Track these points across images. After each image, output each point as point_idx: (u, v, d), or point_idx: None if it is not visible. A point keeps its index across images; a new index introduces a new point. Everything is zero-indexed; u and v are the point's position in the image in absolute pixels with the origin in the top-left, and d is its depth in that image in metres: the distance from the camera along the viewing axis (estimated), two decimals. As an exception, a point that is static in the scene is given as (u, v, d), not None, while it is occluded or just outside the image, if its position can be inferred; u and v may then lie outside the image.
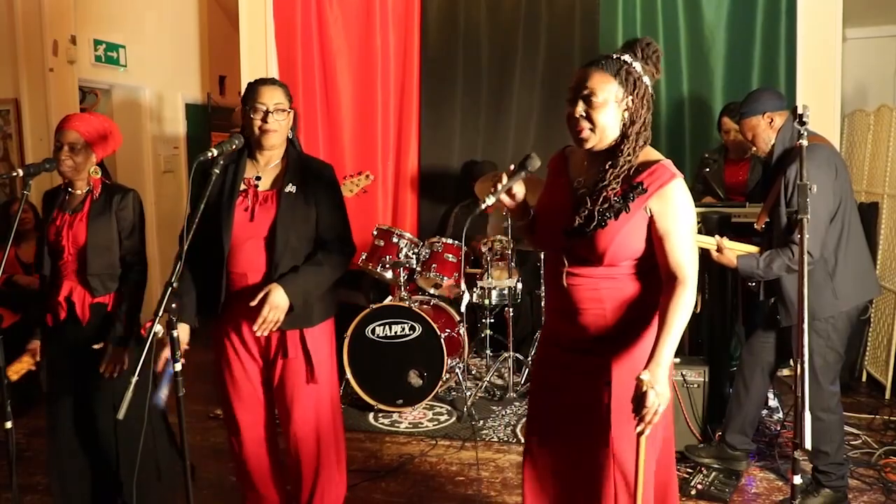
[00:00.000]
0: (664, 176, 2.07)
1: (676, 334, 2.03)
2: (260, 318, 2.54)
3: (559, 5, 5.71)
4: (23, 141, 5.70)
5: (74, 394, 3.05)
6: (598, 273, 2.13)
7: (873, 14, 5.83)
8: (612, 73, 2.07)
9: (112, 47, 6.28)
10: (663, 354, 2.01)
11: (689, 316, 2.06)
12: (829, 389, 3.35)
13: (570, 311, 2.19)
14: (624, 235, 2.07)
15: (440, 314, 4.93)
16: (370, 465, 4.02)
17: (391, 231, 4.94)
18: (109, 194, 3.04)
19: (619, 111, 2.08)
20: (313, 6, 5.91)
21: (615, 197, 2.07)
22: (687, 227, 2.09)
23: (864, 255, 3.41)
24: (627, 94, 2.07)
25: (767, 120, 3.43)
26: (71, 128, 2.96)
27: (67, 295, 3.00)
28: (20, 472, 3.02)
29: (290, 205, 2.65)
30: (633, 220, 2.07)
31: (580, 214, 2.10)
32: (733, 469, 3.74)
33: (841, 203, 3.27)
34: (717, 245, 3.39)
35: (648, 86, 2.11)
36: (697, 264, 2.11)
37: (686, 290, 2.05)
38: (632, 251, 2.10)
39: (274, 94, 2.69)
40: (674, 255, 2.07)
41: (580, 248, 2.11)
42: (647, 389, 1.96)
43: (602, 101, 2.06)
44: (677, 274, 2.06)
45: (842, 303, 3.30)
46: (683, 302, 2.04)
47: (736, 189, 4.73)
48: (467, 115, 5.94)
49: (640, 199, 2.06)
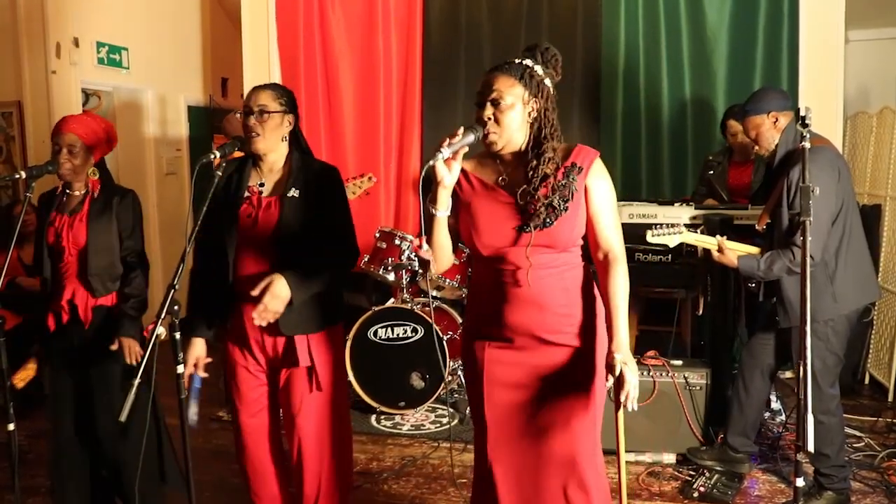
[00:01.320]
0: (590, 154, 2.24)
1: (626, 310, 2.18)
2: (260, 305, 2.49)
3: (561, 7, 5.71)
4: (25, 143, 5.71)
5: (77, 396, 3.06)
6: (559, 261, 2.21)
7: (876, 16, 5.82)
8: (516, 76, 2.17)
9: (114, 49, 6.29)
10: (623, 333, 2.16)
11: (628, 289, 2.21)
12: (828, 392, 3.35)
13: (533, 304, 2.22)
14: (577, 216, 2.19)
15: (442, 316, 4.92)
16: (372, 467, 4.02)
17: (393, 233, 4.94)
18: (109, 195, 3.04)
19: (525, 113, 2.18)
20: (315, 8, 5.91)
21: (559, 181, 2.17)
22: (614, 203, 2.25)
23: (864, 258, 3.41)
24: (532, 97, 2.17)
25: (772, 119, 3.41)
26: (69, 130, 2.96)
27: (70, 298, 3.00)
28: (22, 474, 3.02)
29: (292, 210, 2.63)
30: (579, 199, 2.19)
31: (538, 206, 2.15)
32: (736, 472, 3.74)
33: (843, 206, 3.26)
34: (718, 245, 3.39)
35: (550, 87, 2.21)
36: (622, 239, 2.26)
37: (621, 265, 2.22)
38: (581, 231, 2.23)
39: (259, 96, 2.65)
40: (609, 230, 2.23)
41: (543, 238, 2.17)
42: (623, 368, 2.10)
43: (509, 103, 2.16)
44: (611, 249, 2.23)
45: (841, 306, 3.29)
46: (623, 278, 2.21)
47: (740, 192, 4.72)
48: (469, 117, 5.80)
49: (580, 178, 2.19)
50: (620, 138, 5.57)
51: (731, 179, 4.77)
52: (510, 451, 2.30)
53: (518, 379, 2.29)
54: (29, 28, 5.58)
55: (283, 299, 2.52)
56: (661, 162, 5.54)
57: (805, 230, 2.26)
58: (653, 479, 3.80)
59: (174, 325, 2.23)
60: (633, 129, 5.56)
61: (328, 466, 2.80)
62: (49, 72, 5.63)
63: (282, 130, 2.69)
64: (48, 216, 3.04)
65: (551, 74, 2.23)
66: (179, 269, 2.22)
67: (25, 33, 5.58)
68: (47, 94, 5.65)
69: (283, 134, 2.70)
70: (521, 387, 2.28)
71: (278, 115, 2.66)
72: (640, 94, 5.52)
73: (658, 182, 5.55)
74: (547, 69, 2.22)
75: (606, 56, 5.57)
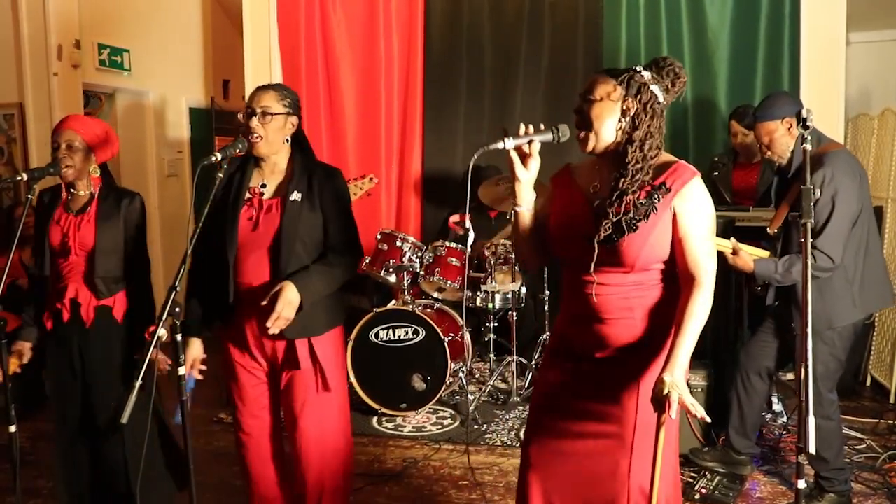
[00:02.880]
0: (685, 174, 2.09)
1: (694, 337, 2.04)
2: (274, 314, 2.48)
3: (562, 10, 5.71)
4: (27, 145, 5.71)
5: (80, 397, 3.06)
6: (629, 281, 2.11)
7: (877, 18, 5.82)
8: (614, 76, 2.11)
9: (116, 51, 6.30)
10: (680, 357, 2.02)
11: (706, 318, 2.07)
12: (827, 397, 3.35)
13: (595, 321, 2.16)
14: (654, 238, 2.06)
15: (443, 318, 4.92)
16: (374, 468, 4.02)
17: (395, 235, 4.94)
18: (118, 197, 3.04)
19: (616, 111, 2.09)
20: (317, 10, 5.92)
21: (639, 200, 2.06)
22: (707, 227, 2.10)
23: (881, 262, 3.40)
24: (628, 97, 2.08)
25: (786, 126, 3.36)
26: (67, 127, 2.95)
27: (73, 297, 3.00)
28: (24, 476, 3.02)
29: (294, 213, 2.62)
30: (661, 221, 2.06)
31: (606, 222, 2.07)
32: (737, 473, 3.73)
33: (862, 209, 3.25)
34: (733, 248, 3.37)
35: (657, 95, 2.10)
36: (716, 266, 2.11)
37: (704, 291, 2.06)
38: (661, 254, 2.09)
39: (262, 97, 2.63)
40: (693, 255, 2.07)
41: (609, 255, 2.08)
42: (669, 391, 1.96)
43: (596, 97, 2.10)
44: (696, 275, 2.07)
45: (860, 310, 3.28)
46: (701, 304, 2.05)
47: (745, 193, 4.71)
48: (470, 119, 5.94)
49: (665, 199, 2.06)
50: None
51: (736, 181, 4.76)
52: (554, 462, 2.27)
53: (578, 387, 2.23)
54: (31, 30, 5.59)
55: (295, 305, 2.52)
56: (663, 164, 5.53)
57: (807, 232, 2.25)
58: (654, 481, 3.79)
59: (175, 326, 2.23)
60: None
61: (329, 468, 2.79)
62: (51, 74, 5.64)
63: (284, 132, 2.67)
64: (52, 213, 3.03)
65: (665, 85, 2.13)
66: (180, 270, 2.22)
67: (27, 35, 5.59)
68: (49, 96, 5.66)
69: (285, 136, 2.68)
70: (580, 396, 2.23)
71: (281, 117, 2.64)
72: (640, 97, 5.52)
73: (659, 184, 5.53)
74: (659, 77, 2.13)
75: (608, 58, 5.57)
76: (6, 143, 5.76)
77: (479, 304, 5.09)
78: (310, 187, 2.66)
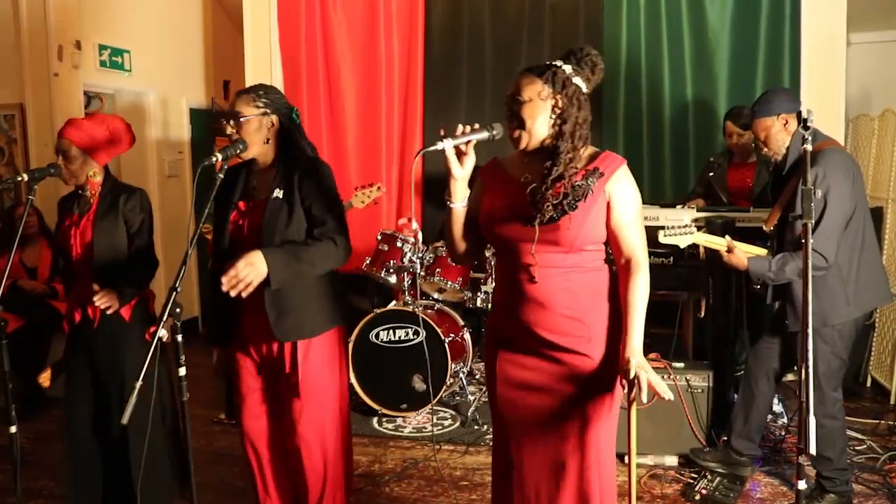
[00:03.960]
0: (615, 161, 2.22)
1: (643, 316, 2.18)
2: (231, 270, 2.37)
3: (563, 11, 5.71)
4: (27, 145, 5.71)
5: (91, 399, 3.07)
6: (567, 262, 2.20)
7: (877, 18, 5.82)
8: (536, 74, 2.20)
9: (117, 52, 6.30)
10: (636, 338, 2.16)
11: (648, 296, 2.20)
12: (831, 396, 3.34)
13: (538, 306, 2.22)
14: (591, 218, 2.17)
15: (444, 319, 4.92)
16: (374, 469, 4.02)
17: (395, 236, 4.94)
18: (116, 194, 3.06)
19: (546, 109, 2.19)
20: (317, 11, 5.92)
21: (576, 182, 2.17)
22: (638, 211, 2.23)
23: (877, 261, 3.40)
24: (555, 93, 2.18)
25: (782, 122, 3.37)
26: (63, 135, 2.99)
27: (80, 298, 3.02)
28: (25, 477, 3.02)
29: (275, 210, 2.63)
30: (597, 203, 2.17)
31: (546, 203, 2.16)
32: (738, 474, 3.73)
33: (856, 208, 3.25)
34: (728, 245, 3.37)
35: (580, 87, 2.21)
36: (647, 247, 2.25)
37: (644, 272, 2.21)
38: (597, 235, 2.21)
39: (236, 102, 2.66)
40: (631, 238, 2.21)
41: (549, 235, 2.16)
42: (639, 372, 2.09)
43: (526, 98, 2.18)
44: (634, 256, 2.21)
45: (854, 309, 3.28)
46: (643, 284, 2.20)
47: (740, 193, 4.72)
48: (471, 119, 5.77)
49: (600, 183, 2.18)
50: (622, 141, 5.58)
51: (731, 181, 4.77)
52: (525, 451, 2.32)
53: (529, 380, 2.29)
54: (31, 30, 5.59)
55: (258, 271, 2.40)
56: (663, 164, 5.54)
57: (807, 232, 2.26)
58: (654, 482, 3.80)
59: (176, 327, 2.23)
60: (634, 132, 5.57)
61: (330, 469, 2.80)
62: (51, 74, 5.63)
63: (262, 133, 2.66)
64: (64, 218, 3.09)
65: (586, 76, 2.23)
66: (181, 271, 2.22)
67: (28, 36, 5.58)
68: (49, 97, 5.65)
69: (264, 136, 2.67)
70: (533, 389, 2.28)
71: (255, 119, 2.63)
72: (641, 97, 5.53)
73: (660, 184, 5.55)
74: (580, 69, 2.22)
75: (608, 59, 5.56)
76: (6, 143, 5.76)
77: (480, 305, 5.09)
78: (290, 182, 2.66)
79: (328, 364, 2.74)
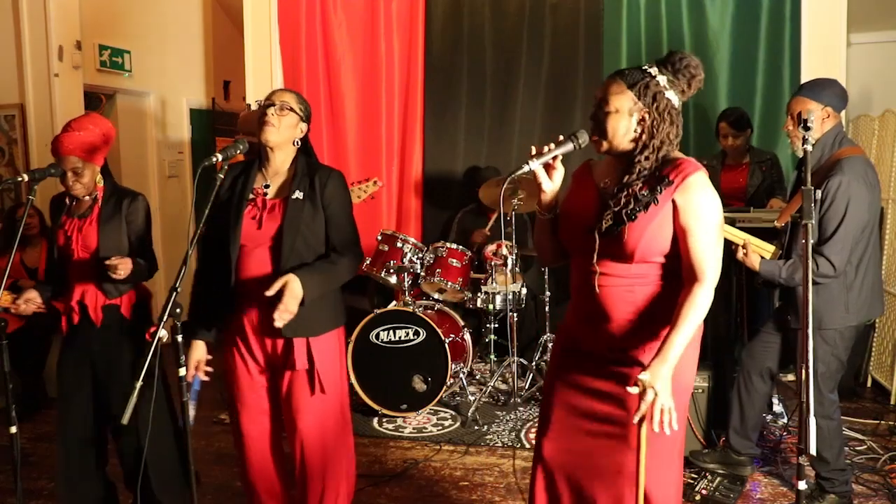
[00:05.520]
0: (689, 168, 2.08)
1: (687, 333, 2.03)
2: (281, 305, 2.46)
3: (563, 13, 5.72)
4: (28, 146, 5.71)
5: (90, 399, 3.07)
6: (631, 273, 2.12)
7: (878, 19, 5.82)
8: (628, 83, 2.10)
9: (117, 52, 6.31)
10: (669, 352, 2.00)
11: (703, 315, 2.05)
12: (828, 397, 3.35)
13: (601, 317, 2.17)
14: (654, 229, 2.07)
15: (444, 319, 4.92)
16: (374, 469, 4.02)
17: (395, 236, 4.94)
18: (119, 198, 3.07)
19: (632, 122, 2.10)
20: (318, 11, 5.93)
21: (641, 192, 2.08)
22: (710, 223, 2.07)
23: (879, 272, 3.40)
24: (644, 108, 2.09)
25: (824, 114, 3.25)
26: (67, 154, 2.95)
27: (80, 299, 3.02)
28: (24, 477, 3.02)
29: (296, 212, 2.64)
30: (662, 213, 2.07)
31: (607, 213, 2.11)
32: (738, 474, 3.73)
33: (871, 219, 3.24)
34: (744, 243, 3.35)
35: (672, 100, 2.10)
36: (720, 264, 2.09)
37: (703, 289, 2.05)
38: (661, 246, 2.09)
39: (283, 94, 2.72)
40: (695, 251, 2.06)
41: (610, 245, 2.09)
42: (644, 389, 1.97)
43: (612, 109, 2.10)
44: (696, 271, 2.05)
45: (851, 317, 3.28)
46: (699, 301, 2.04)
47: (733, 195, 4.74)
48: (471, 121, 5.94)
49: (667, 192, 2.07)
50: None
51: (724, 182, 4.79)
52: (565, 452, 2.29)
53: (587, 385, 2.24)
54: (32, 31, 5.59)
55: (299, 298, 2.51)
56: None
57: (808, 233, 2.25)
58: (655, 482, 3.79)
59: (176, 327, 2.23)
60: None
61: (330, 469, 2.80)
62: (52, 75, 5.64)
63: (294, 132, 2.73)
64: (59, 219, 3.07)
65: (681, 87, 2.13)
66: (181, 272, 2.22)
67: (28, 36, 5.59)
68: (50, 98, 5.66)
69: (295, 136, 2.73)
70: (588, 392, 2.24)
71: (296, 116, 2.71)
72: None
73: (660, 185, 5.54)
74: (675, 80, 2.12)
75: (608, 59, 5.58)
76: (7, 144, 5.76)
77: (480, 305, 5.10)
78: (312, 187, 2.69)
79: (329, 363, 2.75)
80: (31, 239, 5.15)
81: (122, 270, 2.86)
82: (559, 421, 2.31)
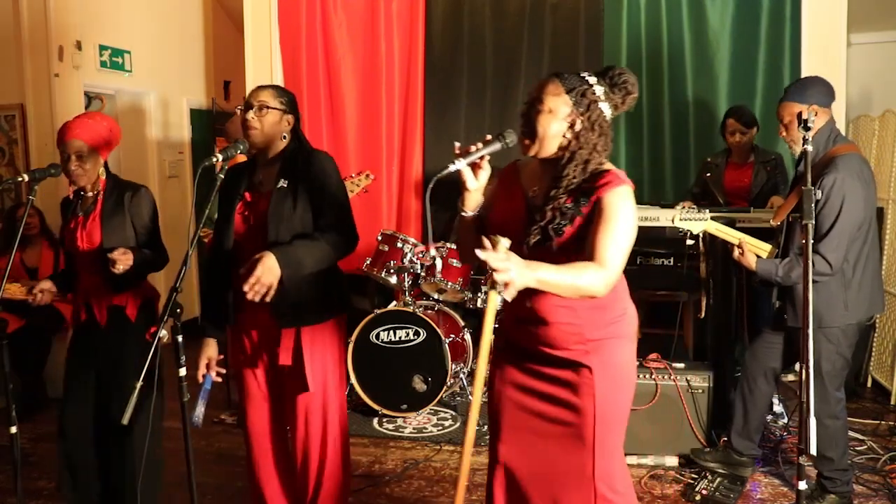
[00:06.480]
0: (615, 181, 2.07)
1: (561, 279, 1.93)
2: (252, 277, 2.40)
3: (563, 12, 5.71)
4: (28, 146, 5.71)
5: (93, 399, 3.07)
6: None
7: (878, 19, 5.82)
8: (566, 87, 2.10)
9: (117, 52, 6.30)
10: (539, 267, 1.90)
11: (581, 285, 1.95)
12: (834, 395, 3.34)
13: (537, 321, 2.18)
14: (580, 237, 2.08)
15: (444, 319, 4.92)
16: (374, 469, 4.02)
17: (395, 236, 4.94)
18: (120, 192, 3.06)
19: (563, 126, 2.10)
20: (318, 11, 5.92)
21: (566, 204, 2.09)
22: (623, 226, 2.03)
23: (878, 270, 3.40)
24: (578, 114, 2.09)
25: (812, 113, 3.28)
26: (73, 137, 2.96)
27: (85, 297, 3.02)
28: (25, 477, 3.03)
29: (279, 200, 2.65)
30: (584, 222, 2.08)
31: (534, 228, 2.11)
32: (738, 474, 3.73)
33: (866, 216, 3.24)
34: (740, 242, 3.35)
35: (605, 112, 2.11)
36: (621, 269, 2.05)
37: (600, 272, 1.97)
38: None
39: (260, 94, 2.70)
40: (602, 240, 2.00)
41: (540, 255, 2.06)
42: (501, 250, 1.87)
43: (546, 109, 2.10)
44: (598, 258, 1.99)
45: (851, 315, 3.27)
46: (591, 275, 1.96)
47: (737, 194, 4.71)
48: (471, 121, 5.93)
49: (590, 202, 2.08)
50: (623, 142, 5.57)
51: (728, 181, 4.77)
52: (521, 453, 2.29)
53: (531, 386, 2.26)
54: (32, 31, 5.59)
55: (275, 271, 2.45)
56: (663, 165, 5.54)
57: (808, 233, 2.25)
58: (655, 482, 3.79)
59: (176, 327, 2.23)
60: (635, 133, 5.57)
61: (327, 465, 2.81)
62: (52, 75, 5.63)
63: (280, 128, 2.71)
64: (67, 220, 3.08)
65: (616, 102, 2.14)
66: (181, 272, 2.23)
67: (28, 36, 5.58)
68: (50, 97, 5.65)
69: (281, 132, 2.72)
70: (534, 394, 2.26)
71: (277, 112, 2.69)
72: (642, 98, 5.51)
73: (660, 185, 5.55)
74: (612, 93, 2.13)
75: (609, 61, 5.57)
76: (7, 144, 5.76)
77: (480, 306, 5.09)
78: (296, 173, 2.68)
79: (327, 354, 2.75)
80: (31, 239, 5.16)
81: (121, 265, 2.83)
82: (510, 422, 2.32)
